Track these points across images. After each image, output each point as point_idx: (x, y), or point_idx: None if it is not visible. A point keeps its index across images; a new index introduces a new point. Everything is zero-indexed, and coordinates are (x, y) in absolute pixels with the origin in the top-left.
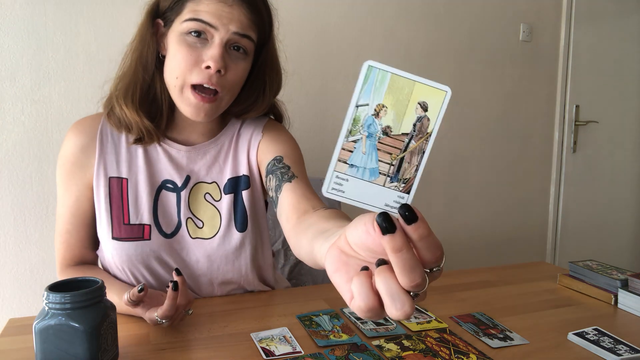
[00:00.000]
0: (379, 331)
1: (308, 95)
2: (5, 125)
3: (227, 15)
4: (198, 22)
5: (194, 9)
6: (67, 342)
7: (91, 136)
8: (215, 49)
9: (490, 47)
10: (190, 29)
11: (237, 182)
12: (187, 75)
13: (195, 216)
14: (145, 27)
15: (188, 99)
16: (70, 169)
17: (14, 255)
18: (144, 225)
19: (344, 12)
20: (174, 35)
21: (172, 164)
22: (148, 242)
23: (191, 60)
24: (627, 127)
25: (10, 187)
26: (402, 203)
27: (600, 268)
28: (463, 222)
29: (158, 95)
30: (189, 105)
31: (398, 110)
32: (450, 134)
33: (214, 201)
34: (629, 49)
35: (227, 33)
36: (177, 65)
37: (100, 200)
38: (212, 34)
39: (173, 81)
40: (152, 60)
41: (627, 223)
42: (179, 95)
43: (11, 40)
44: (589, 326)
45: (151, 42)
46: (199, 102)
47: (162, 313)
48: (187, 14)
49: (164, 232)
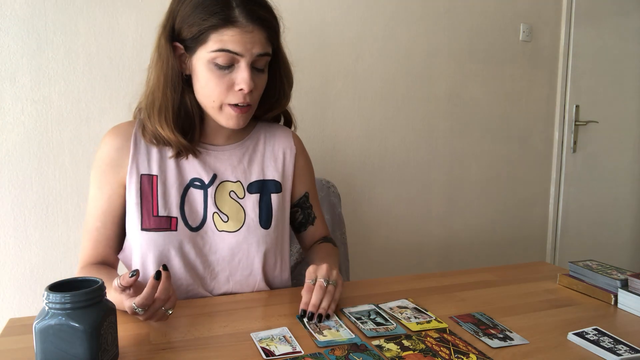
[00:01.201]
0: (379, 331)
1: (308, 95)
2: (5, 125)
3: (250, 41)
4: (226, 52)
5: (219, 39)
6: (67, 342)
7: (126, 138)
8: (245, 72)
9: (490, 47)
10: (218, 58)
11: (265, 185)
12: (224, 98)
13: (221, 211)
14: (166, 50)
15: (229, 113)
16: (105, 170)
17: (14, 255)
18: (171, 217)
19: (344, 12)
20: (201, 62)
21: (200, 164)
22: (175, 232)
23: (224, 86)
24: (627, 127)
25: (10, 187)
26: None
27: (600, 268)
28: (463, 222)
29: (189, 110)
30: (231, 118)
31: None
32: (450, 134)
33: (238, 198)
34: (629, 49)
35: (251, 57)
36: (212, 91)
37: (131, 195)
38: (239, 59)
39: (210, 103)
40: (179, 81)
41: (627, 223)
42: (217, 112)
43: (11, 40)
44: (589, 326)
45: (175, 64)
46: (238, 114)
47: (139, 300)
48: (214, 45)
49: (190, 225)
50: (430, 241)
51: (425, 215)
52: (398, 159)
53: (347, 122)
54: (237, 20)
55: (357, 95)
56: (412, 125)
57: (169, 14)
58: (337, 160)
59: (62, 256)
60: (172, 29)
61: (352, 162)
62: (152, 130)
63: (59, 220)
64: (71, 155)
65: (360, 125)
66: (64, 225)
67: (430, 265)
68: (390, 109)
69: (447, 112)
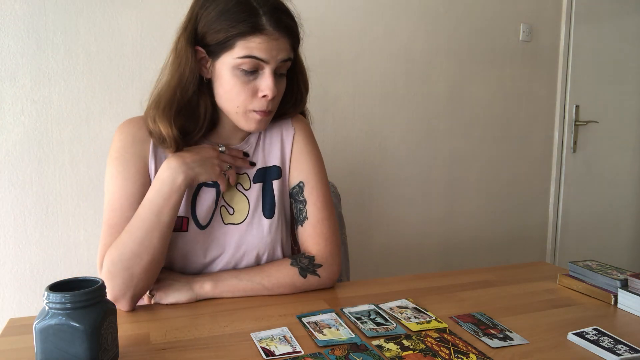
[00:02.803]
0: (379, 331)
1: (308, 95)
2: (5, 125)
3: (275, 48)
4: (252, 59)
5: (246, 46)
6: (67, 342)
7: (145, 133)
8: (269, 79)
9: (490, 47)
10: (244, 64)
11: (267, 172)
12: (248, 105)
13: (229, 204)
14: (186, 52)
15: (254, 118)
16: (129, 158)
17: (14, 255)
18: (182, 218)
19: (344, 12)
20: (225, 67)
21: None
22: (185, 233)
23: (249, 93)
24: (627, 127)
25: (10, 187)
26: None
27: (600, 268)
28: (463, 222)
29: (200, 113)
30: (255, 122)
31: None
32: (450, 134)
33: (244, 190)
34: (629, 49)
35: (276, 64)
36: (236, 97)
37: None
38: (264, 66)
39: (234, 109)
40: (195, 83)
41: (627, 223)
42: (243, 117)
43: (11, 40)
44: (588, 326)
45: (194, 67)
46: (262, 117)
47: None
48: (240, 52)
49: (200, 224)
50: (430, 241)
51: (425, 215)
52: (398, 159)
53: (347, 122)
54: (264, 28)
55: (357, 95)
56: (412, 125)
57: (190, 17)
58: (337, 160)
59: (62, 256)
60: (193, 32)
61: (352, 162)
62: (153, 128)
63: (59, 220)
64: (71, 155)
65: (360, 125)
66: (64, 225)
67: (430, 265)
68: (390, 108)
69: (447, 112)
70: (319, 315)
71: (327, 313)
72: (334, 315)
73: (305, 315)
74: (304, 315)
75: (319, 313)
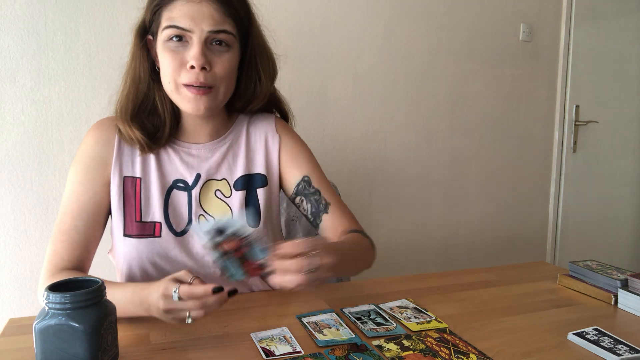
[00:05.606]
0: (379, 331)
1: (308, 95)
2: (5, 125)
3: (199, 15)
4: (175, 29)
5: (169, 16)
6: (67, 342)
7: (111, 134)
8: (195, 48)
9: (490, 47)
10: (170, 36)
11: (251, 180)
12: (177, 77)
13: (207, 213)
14: (136, 46)
15: (186, 95)
16: (89, 164)
17: (14, 255)
18: (155, 222)
19: (344, 12)
20: (159, 44)
21: (183, 164)
22: (158, 239)
23: (177, 63)
24: (627, 127)
25: (10, 187)
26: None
27: (600, 268)
28: (463, 221)
29: (158, 107)
30: (189, 101)
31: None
32: (450, 134)
33: (224, 197)
34: (629, 49)
35: (202, 32)
36: (167, 70)
37: (114, 198)
38: (190, 36)
39: (167, 85)
40: (146, 75)
41: (627, 223)
42: (177, 95)
43: (11, 40)
44: (589, 326)
45: (142, 58)
46: (196, 95)
47: (186, 289)
48: (165, 22)
49: (174, 230)
50: (430, 241)
51: (425, 215)
52: (398, 159)
53: (347, 122)
54: None
55: (357, 95)
56: (412, 125)
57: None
58: (337, 160)
59: None
60: (142, 24)
61: (352, 162)
62: (121, 130)
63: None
64: (71, 155)
65: (360, 125)
66: None
67: (430, 265)
68: (390, 108)
69: (447, 112)
70: (319, 315)
71: (327, 313)
72: (334, 315)
73: (305, 315)
74: (304, 315)
75: (319, 313)
